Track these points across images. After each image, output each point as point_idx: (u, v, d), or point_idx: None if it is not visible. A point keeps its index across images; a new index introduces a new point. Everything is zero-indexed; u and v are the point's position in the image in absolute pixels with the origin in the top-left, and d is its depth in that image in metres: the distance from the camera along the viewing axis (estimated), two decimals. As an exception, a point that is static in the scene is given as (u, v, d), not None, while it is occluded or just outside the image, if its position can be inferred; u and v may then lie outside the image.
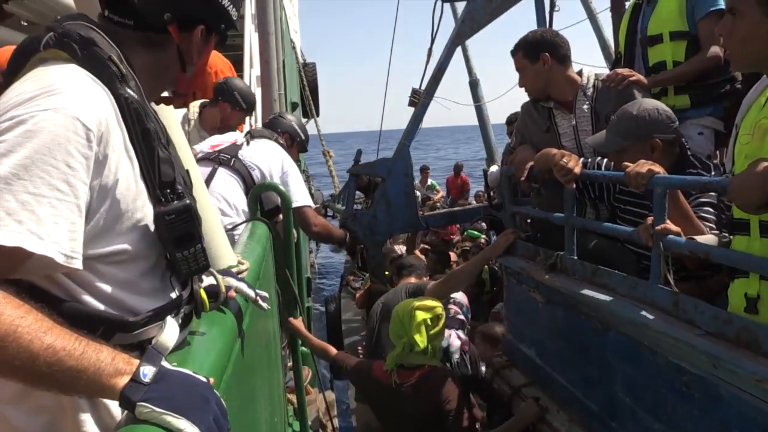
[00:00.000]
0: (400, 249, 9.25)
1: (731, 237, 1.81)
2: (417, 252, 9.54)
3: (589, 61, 5.93)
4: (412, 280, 3.97)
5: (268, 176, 3.34)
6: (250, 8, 6.24)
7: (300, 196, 3.44)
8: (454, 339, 3.60)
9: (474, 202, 11.54)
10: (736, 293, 1.80)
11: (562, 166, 2.50)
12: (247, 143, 3.49)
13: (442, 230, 9.23)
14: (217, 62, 4.92)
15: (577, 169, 2.51)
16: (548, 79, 2.97)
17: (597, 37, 7.59)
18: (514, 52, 3.06)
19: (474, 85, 7.84)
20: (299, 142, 3.90)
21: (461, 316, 4.04)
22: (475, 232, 8.81)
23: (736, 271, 1.80)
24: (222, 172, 3.29)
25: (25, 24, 4.24)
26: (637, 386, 2.18)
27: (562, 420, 2.71)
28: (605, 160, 2.66)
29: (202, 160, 3.47)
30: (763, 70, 1.82)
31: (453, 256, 7.75)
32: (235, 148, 3.46)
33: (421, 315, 2.99)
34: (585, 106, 2.93)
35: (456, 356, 3.54)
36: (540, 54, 2.92)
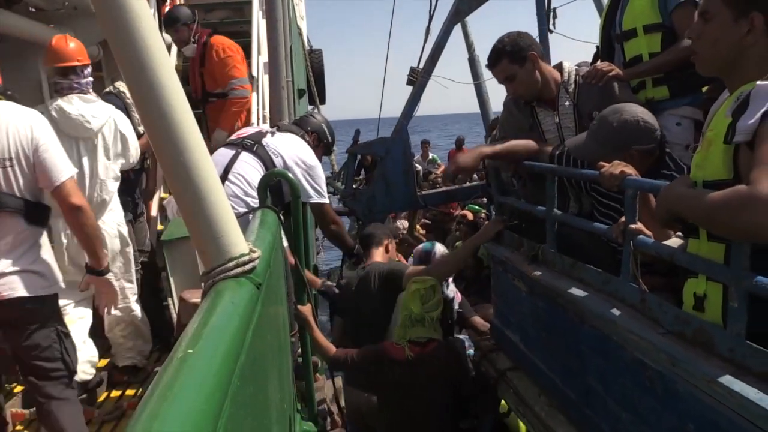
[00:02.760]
0: (402, 224, 9.36)
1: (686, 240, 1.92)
2: (418, 227, 9.63)
3: (590, 38, 5.89)
4: (381, 251, 3.89)
5: (291, 165, 3.40)
6: (258, -6, 6.25)
7: (321, 193, 3.54)
8: (455, 291, 3.91)
9: (476, 175, 11.57)
10: (688, 292, 1.92)
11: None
12: (272, 134, 3.57)
13: (443, 205, 9.28)
14: (233, 47, 5.05)
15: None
16: (538, 79, 2.95)
17: (598, 12, 7.54)
18: (495, 63, 2.99)
19: (473, 62, 7.83)
20: (325, 144, 3.91)
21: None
22: (476, 207, 8.89)
23: (689, 271, 1.90)
24: (245, 156, 3.38)
25: (33, 10, 4.28)
26: (607, 378, 2.29)
27: (543, 404, 2.84)
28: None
29: (226, 145, 3.57)
30: (726, 75, 1.88)
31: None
32: (259, 135, 3.55)
33: (414, 286, 3.23)
34: (567, 103, 2.96)
35: (457, 306, 3.87)
36: (527, 55, 2.91)
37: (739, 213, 1.50)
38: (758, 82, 1.66)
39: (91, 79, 3.70)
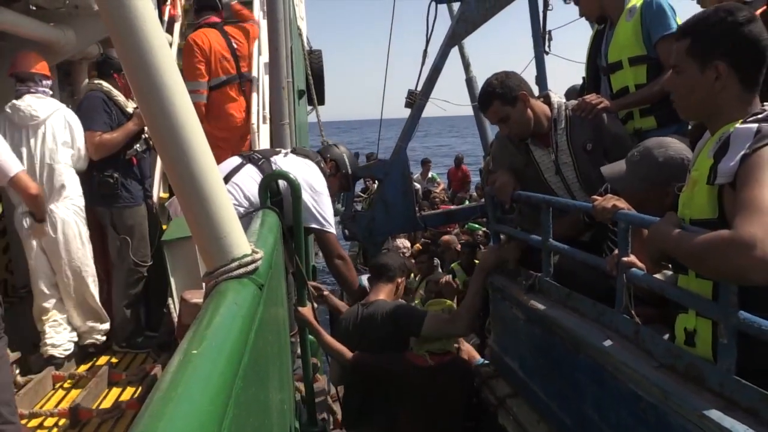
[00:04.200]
0: (403, 243, 9.40)
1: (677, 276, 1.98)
2: (417, 246, 9.67)
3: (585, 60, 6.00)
4: (389, 288, 3.64)
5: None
6: (259, -6, 6.28)
7: (325, 222, 3.47)
8: None
9: (475, 193, 11.67)
10: (679, 327, 1.97)
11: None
12: (285, 155, 3.59)
13: (442, 226, 9.30)
14: (198, 48, 5.09)
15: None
16: (531, 116, 2.96)
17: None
18: (487, 106, 3.00)
19: (470, 83, 7.91)
20: (343, 174, 3.85)
21: None
22: (475, 225, 8.94)
23: (679, 306, 1.95)
24: (249, 168, 3.41)
25: (34, 8, 4.32)
26: (603, 406, 2.33)
27: (542, 431, 2.87)
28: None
29: (236, 155, 3.62)
30: (706, 119, 1.97)
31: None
32: (271, 152, 3.58)
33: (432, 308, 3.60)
34: (562, 139, 2.96)
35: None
36: (518, 95, 2.92)
37: (722, 257, 1.56)
38: (737, 125, 1.73)
39: (49, 90, 4.07)
